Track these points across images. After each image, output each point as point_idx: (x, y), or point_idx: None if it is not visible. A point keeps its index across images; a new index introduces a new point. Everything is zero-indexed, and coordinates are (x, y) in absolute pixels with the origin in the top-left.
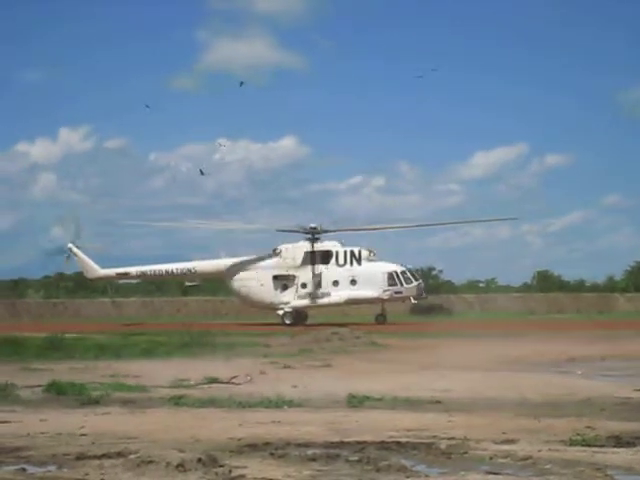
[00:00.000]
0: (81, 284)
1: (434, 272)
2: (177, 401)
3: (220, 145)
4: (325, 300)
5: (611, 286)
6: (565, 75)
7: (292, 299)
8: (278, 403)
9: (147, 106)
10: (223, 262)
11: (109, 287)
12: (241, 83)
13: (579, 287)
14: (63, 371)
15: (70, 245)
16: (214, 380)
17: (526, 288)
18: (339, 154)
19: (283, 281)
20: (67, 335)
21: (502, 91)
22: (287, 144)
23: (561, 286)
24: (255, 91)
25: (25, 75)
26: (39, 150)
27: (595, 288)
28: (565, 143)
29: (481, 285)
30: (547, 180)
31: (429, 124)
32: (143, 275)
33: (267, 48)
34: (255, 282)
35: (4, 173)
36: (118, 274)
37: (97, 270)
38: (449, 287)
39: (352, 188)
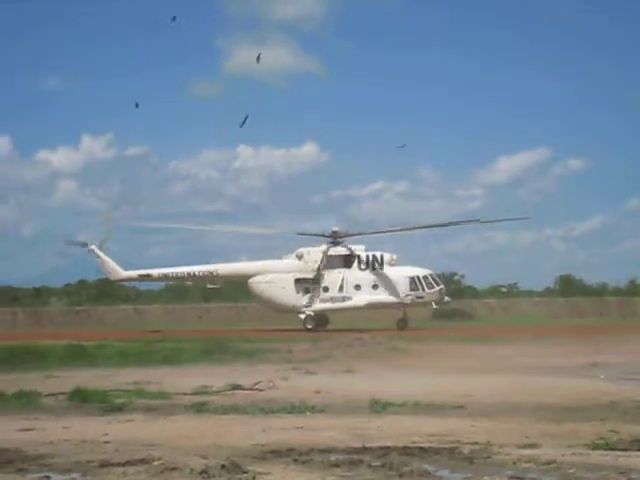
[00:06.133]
0: (103, 291)
1: (456, 277)
2: (200, 408)
3: None
4: (347, 304)
5: (633, 290)
6: (587, 79)
7: (314, 302)
8: (301, 409)
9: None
10: (245, 265)
11: (131, 293)
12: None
13: (601, 291)
14: (86, 379)
15: (92, 247)
16: (237, 387)
17: (548, 293)
18: (361, 160)
19: (305, 284)
20: (90, 343)
21: (525, 95)
22: (308, 150)
23: (583, 290)
24: (276, 97)
25: (47, 83)
26: (61, 158)
27: (617, 292)
28: (587, 147)
29: (503, 290)
30: (569, 184)
31: (451, 129)
32: (165, 277)
33: (287, 54)
34: (277, 285)
35: (26, 181)
36: (140, 276)
37: (120, 272)
38: (471, 292)
39: (374, 194)
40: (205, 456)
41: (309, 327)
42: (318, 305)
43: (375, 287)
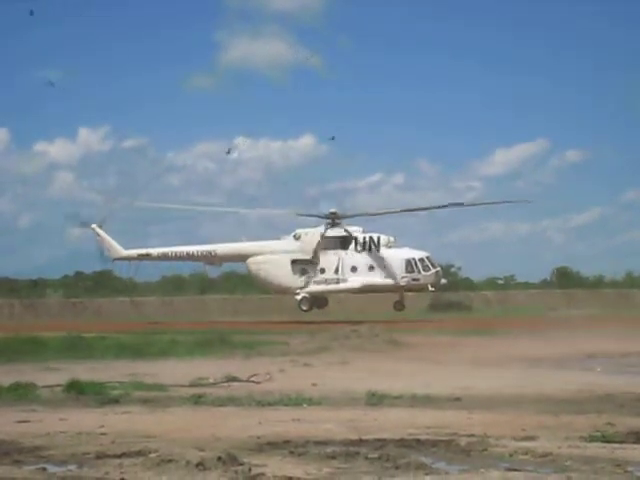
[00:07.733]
0: (100, 283)
1: (453, 269)
2: (197, 400)
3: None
4: (342, 286)
5: (630, 282)
6: (584, 71)
7: (309, 284)
8: (297, 401)
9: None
10: (243, 245)
11: (128, 284)
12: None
13: (598, 283)
14: (83, 370)
15: (93, 225)
16: (233, 379)
17: (545, 284)
18: (358, 152)
19: (301, 265)
20: (87, 334)
21: (522, 88)
22: (306, 142)
23: (580, 282)
24: (274, 89)
25: (45, 75)
26: (58, 150)
27: (614, 284)
28: (585, 139)
29: (500, 282)
30: (567, 176)
31: (449, 121)
32: (164, 256)
33: (285, 46)
34: (274, 266)
35: (23, 173)
36: (140, 255)
37: (120, 251)
38: (468, 284)
39: (372, 186)
40: (201, 448)
41: (304, 309)
42: (313, 287)
43: (371, 269)
